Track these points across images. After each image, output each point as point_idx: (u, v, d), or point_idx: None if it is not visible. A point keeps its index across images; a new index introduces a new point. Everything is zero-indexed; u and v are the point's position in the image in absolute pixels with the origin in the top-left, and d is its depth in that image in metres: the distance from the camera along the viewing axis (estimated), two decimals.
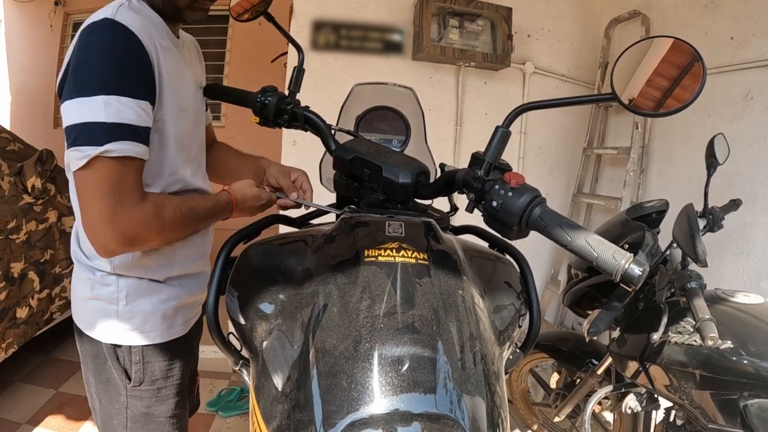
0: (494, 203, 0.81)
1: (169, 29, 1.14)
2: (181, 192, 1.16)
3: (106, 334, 1.17)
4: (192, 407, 1.57)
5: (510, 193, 0.80)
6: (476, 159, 0.88)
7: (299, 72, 1.30)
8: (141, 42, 0.98)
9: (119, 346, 1.17)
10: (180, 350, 1.27)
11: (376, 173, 0.99)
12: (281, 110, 1.23)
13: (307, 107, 1.23)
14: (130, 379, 1.19)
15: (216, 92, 1.35)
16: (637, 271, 0.69)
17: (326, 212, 1.15)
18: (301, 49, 1.31)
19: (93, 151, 0.92)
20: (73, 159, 0.94)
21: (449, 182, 0.93)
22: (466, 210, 0.89)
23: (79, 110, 0.93)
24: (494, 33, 3.14)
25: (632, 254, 0.72)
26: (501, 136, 0.86)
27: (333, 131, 1.17)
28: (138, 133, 0.97)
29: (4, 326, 2.51)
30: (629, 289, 0.72)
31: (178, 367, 1.27)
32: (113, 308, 1.16)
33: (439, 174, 1.06)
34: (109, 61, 0.94)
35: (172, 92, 1.09)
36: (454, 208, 1.20)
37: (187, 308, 1.29)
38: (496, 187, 0.81)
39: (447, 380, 0.67)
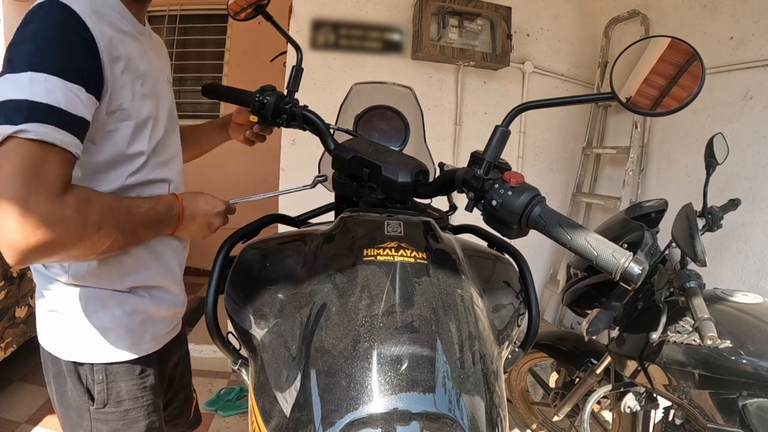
0: (494, 202, 0.81)
1: (132, 14, 1.04)
2: (151, 182, 1.08)
3: (66, 350, 1.06)
4: (190, 425, 1.51)
5: (510, 192, 0.80)
6: (475, 158, 0.87)
7: (298, 71, 1.30)
8: (86, 25, 0.87)
9: (81, 364, 1.06)
10: (152, 368, 1.15)
11: (375, 172, 0.98)
12: (280, 109, 1.22)
13: (305, 106, 1.22)
14: (93, 400, 1.08)
15: (214, 92, 1.37)
16: (636, 269, 0.69)
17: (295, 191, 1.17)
18: (300, 48, 1.32)
19: (7, 129, 0.79)
20: None
21: (449, 181, 0.93)
22: (466, 209, 0.88)
23: (3, 87, 0.82)
24: (494, 32, 3.14)
25: (632, 253, 0.72)
26: (500, 135, 0.86)
27: (332, 131, 1.16)
28: (65, 120, 0.83)
29: (4, 326, 2.51)
30: (629, 288, 0.72)
31: (150, 387, 1.14)
32: (73, 321, 1.05)
33: (438, 173, 1.05)
34: (44, 38, 0.85)
35: (134, 78, 0.99)
36: (453, 207, 1.20)
37: (158, 322, 1.16)
38: (496, 186, 0.82)
39: (446, 379, 0.67)
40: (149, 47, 1.11)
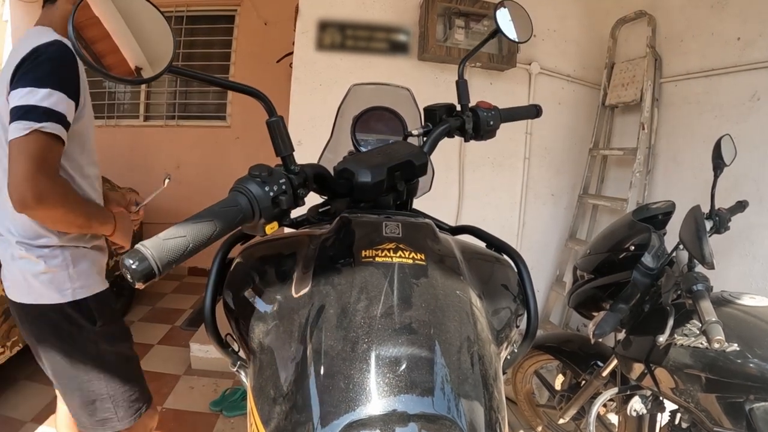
0: (491, 123, 1.25)
1: None
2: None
3: (66, 294, 1.47)
4: None
5: (492, 113, 1.26)
6: (431, 111, 1.23)
7: (279, 126, 0.86)
8: (76, 61, 1.35)
9: (79, 301, 1.49)
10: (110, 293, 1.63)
11: (407, 168, 1.00)
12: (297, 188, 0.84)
13: (307, 166, 0.91)
14: (95, 323, 1.52)
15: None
16: None
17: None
18: (265, 96, 0.84)
19: (35, 125, 1.25)
20: (17, 129, 1.25)
21: (442, 135, 1.19)
22: (465, 141, 1.27)
23: (29, 96, 1.26)
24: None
25: None
26: (463, 86, 1.24)
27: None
28: (64, 122, 1.31)
29: (10, 325, 2.52)
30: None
31: (116, 306, 1.66)
32: (66, 272, 1.47)
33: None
34: (56, 67, 1.31)
35: (88, 98, 1.44)
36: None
37: (102, 265, 1.63)
38: (485, 114, 1.24)
39: (444, 381, 0.67)
40: None
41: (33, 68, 1.28)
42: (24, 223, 1.42)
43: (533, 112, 1.42)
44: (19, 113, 1.25)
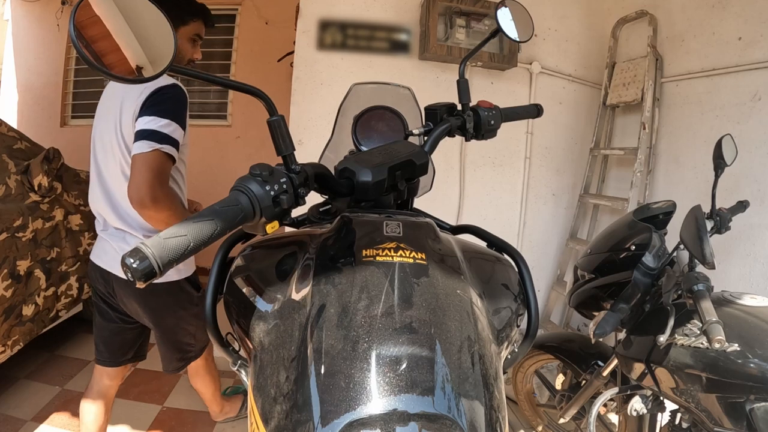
0: (492, 122, 1.26)
1: None
2: None
3: (182, 274, 2.00)
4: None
5: (493, 112, 1.27)
6: (432, 110, 1.23)
7: (282, 123, 0.85)
8: (187, 96, 1.73)
9: (190, 276, 2.06)
10: None
11: (407, 168, 1.00)
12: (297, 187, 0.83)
13: (308, 165, 0.89)
14: (198, 290, 2.09)
15: None
16: None
17: None
18: (266, 95, 0.83)
19: (156, 145, 1.61)
20: (143, 146, 1.60)
21: (443, 134, 1.20)
22: (466, 140, 1.28)
23: (155, 124, 1.62)
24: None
25: None
26: (464, 85, 1.25)
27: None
28: (177, 147, 1.68)
29: (11, 324, 2.52)
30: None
31: None
32: None
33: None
34: (176, 104, 1.69)
35: (188, 129, 1.78)
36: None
37: None
38: (486, 113, 1.25)
39: (445, 380, 0.67)
40: None
41: (158, 102, 1.66)
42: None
43: (534, 111, 1.43)
44: (144, 134, 1.62)
